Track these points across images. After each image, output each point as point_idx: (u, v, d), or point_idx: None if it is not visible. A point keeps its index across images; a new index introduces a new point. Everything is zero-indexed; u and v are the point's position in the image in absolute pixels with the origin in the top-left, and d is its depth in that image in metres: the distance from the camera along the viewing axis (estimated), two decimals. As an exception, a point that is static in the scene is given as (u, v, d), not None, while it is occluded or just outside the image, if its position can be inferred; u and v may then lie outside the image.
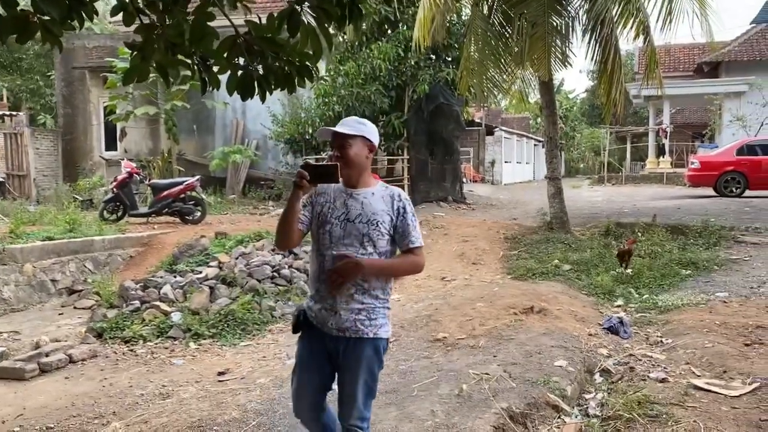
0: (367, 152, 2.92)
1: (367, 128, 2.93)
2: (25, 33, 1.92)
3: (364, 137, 2.89)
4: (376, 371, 2.97)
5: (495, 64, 11.41)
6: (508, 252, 10.00)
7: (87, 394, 5.48)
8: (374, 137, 2.96)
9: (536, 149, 36.98)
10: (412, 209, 2.96)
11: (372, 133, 2.94)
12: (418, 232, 2.93)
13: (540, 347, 5.34)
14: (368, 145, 2.92)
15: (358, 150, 2.87)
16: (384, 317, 2.94)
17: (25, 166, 18.21)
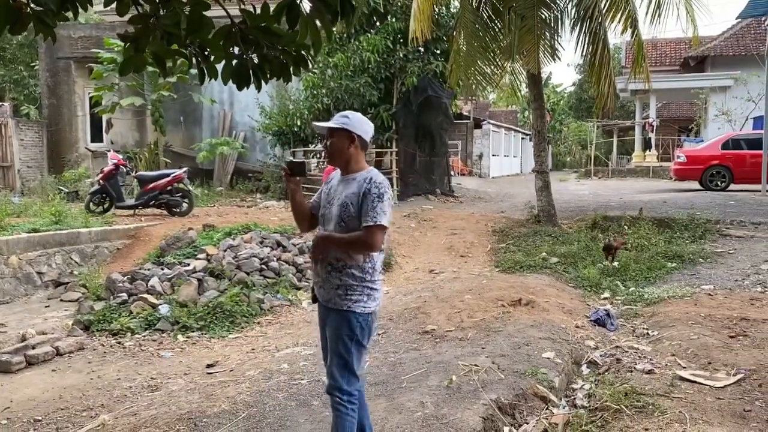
0: (348, 143, 3.17)
1: (351, 121, 3.18)
2: (19, 24, 1.90)
3: (346, 129, 3.15)
4: (348, 344, 3.15)
5: (484, 57, 11.41)
6: (496, 245, 10.05)
7: (75, 386, 5.45)
8: (358, 129, 3.18)
9: (524, 143, 37.10)
10: (380, 193, 3.11)
11: (355, 126, 3.17)
12: (378, 213, 3.06)
13: (528, 339, 5.39)
14: (349, 137, 3.16)
15: (338, 141, 3.18)
16: (361, 294, 3.14)
17: (9, 157, 17.98)
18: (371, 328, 3.24)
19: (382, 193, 3.11)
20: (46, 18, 1.97)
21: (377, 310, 3.27)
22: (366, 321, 3.18)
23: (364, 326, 3.17)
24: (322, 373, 4.97)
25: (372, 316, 3.21)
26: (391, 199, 3.18)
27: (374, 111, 15.12)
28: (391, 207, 3.17)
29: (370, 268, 3.18)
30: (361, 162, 3.25)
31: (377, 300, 3.23)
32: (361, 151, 3.26)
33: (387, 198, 3.12)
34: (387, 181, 3.21)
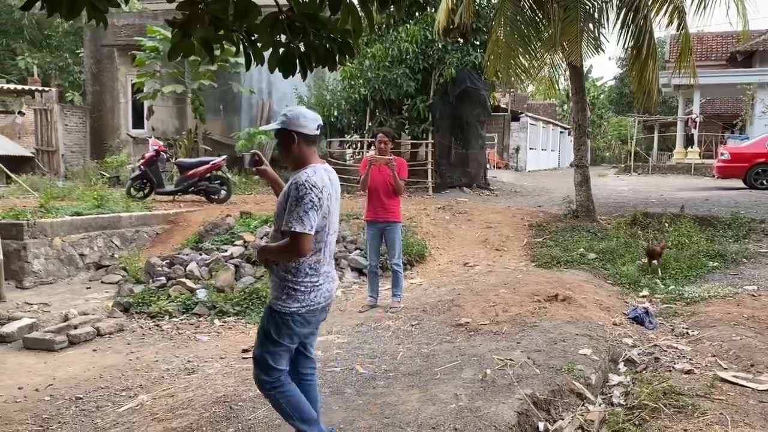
0: (287, 142, 3.12)
1: (288, 119, 3.08)
2: (73, 9, 1.94)
3: (284, 129, 3.10)
4: (261, 336, 3.23)
5: (524, 49, 11.24)
6: (533, 239, 9.94)
7: (114, 366, 5.59)
8: (297, 125, 3.06)
9: (562, 136, 36.58)
10: (299, 196, 3.00)
11: (293, 122, 3.07)
12: (294, 219, 2.98)
13: (564, 335, 5.32)
14: (289, 135, 3.09)
15: (281, 142, 3.15)
16: (286, 294, 3.15)
17: (54, 142, 18.47)
18: (292, 329, 3.18)
19: (301, 197, 3.00)
20: (99, 4, 2.01)
21: (304, 312, 3.19)
22: (282, 319, 3.16)
23: (279, 324, 3.16)
24: (356, 361, 5.01)
25: (294, 317, 3.16)
26: (316, 201, 3.02)
27: (411, 102, 15.07)
28: (315, 209, 3.02)
29: (293, 268, 3.15)
30: (307, 159, 3.16)
31: (301, 302, 3.16)
32: (308, 147, 3.17)
33: (307, 201, 2.99)
34: (315, 181, 3.05)
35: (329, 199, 3.14)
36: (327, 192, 3.10)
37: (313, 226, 3.01)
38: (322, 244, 3.19)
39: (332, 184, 3.23)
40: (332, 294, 3.36)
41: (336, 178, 3.32)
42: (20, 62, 26.76)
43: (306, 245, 3.02)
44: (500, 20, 10.91)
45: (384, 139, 6.64)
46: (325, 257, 3.24)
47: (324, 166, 3.21)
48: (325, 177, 3.14)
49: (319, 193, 3.03)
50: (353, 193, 14.14)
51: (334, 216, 3.25)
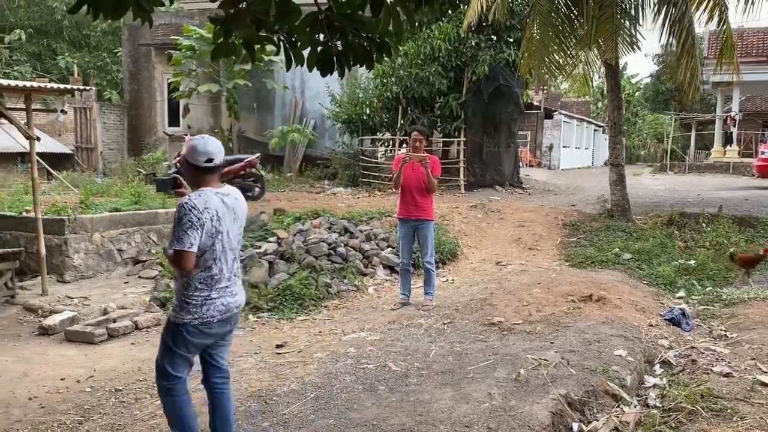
0: (184, 169, 3.44)
1: (186, 148, 3.44)
2: (120, 8, 2.01)
3: (184, 156, 3.42)
4: (164, 346, 3.45)
5: (558, 46, 11.15)
6: (567, 239, 9.85)
7: (152, 359, 5.62)
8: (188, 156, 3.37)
9: (596, 134, 36.06)
10: (178, 217, 3.23)
11: (186, 153, 3.38)
12: (177, 237, 3.21)
13: (599, 336, 5.28)
14: (185, 162, 3.40)
15: (182, 165, 3.45)
16: (180, 306, 3.37)
17: (93, 139, 18.91)
18: (186, 339, 3.36)
19: (180, 217, 3.22)
20: (145, 3, 2.06)
21: (197, 324, 3.35)
22: (177, 329, 3.35)
23: (175, 334, 3.36)
24: (389, 359, 5.04)
25: (187, 327, 3.33)
26: (195, 221, 3.20)
27: (443, 100, 15.02)
28: (194, 229, 3.20)
29: (185, 283, 3.35)
30: (199, 184, 3.40)
31: (193, 314, 3.33)
32: (198, 175, 3.39)
33: (186, 221, 3.19)
34: (195, 203, 3.25)
35: (215, 219, 3.30)
36: (210, 213, 3.27)
37: (193, 243, 3.21)
38: (213, 261, 3.35)
39: (226, 206, 3.40)
40: (231, 308, 3.49)
41: (235, 201, 3.49)
42: (60, 62, 27.43)
43: (186, 262, 3.23)
44: (535, 17, 10.82)
45: (418, 137, 6.65)
46: (222, 274, 3.40)
47: (216, 191, 3.40)
48: (212, 199, 3.32)
49: (198, 213, 3.22)
50: (384, 190, 14.18)
51: (227, 235, 3.40)
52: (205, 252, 3.30)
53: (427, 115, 15.20)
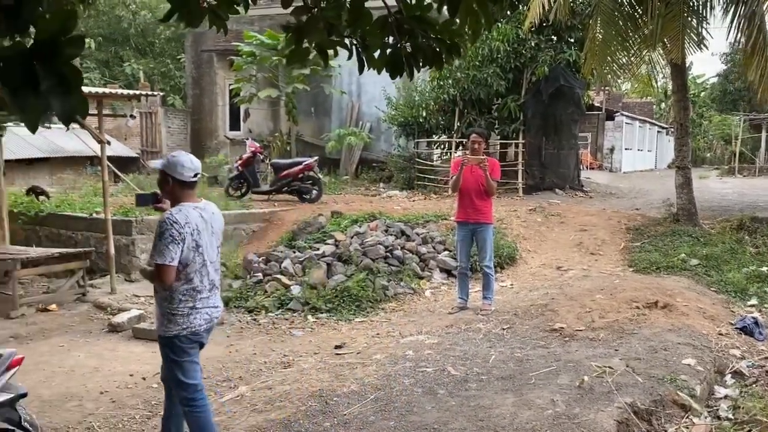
0: (164, 182, 3.52)
1: (168, 163, 3.51)
2: (198, 16, 2.08)
3: (163, 171, 3.50)
4: (168, 362, 3.55)
5: (622, 46, 10.86)
6: (630, 243, 9.57)
7: (216, 358, 5.85)
8: (172, 170, 3.46)
9: (659, 136, 34.98)
10: (160, 231, 3.35)
11: (169, 167, 3.48)
12: (156, 252, 3.34)
13: (665, 343, 5.11)
14: (166, 177, 3.50)
15: (160, 179, 3.55)
16: (167, 320, 3.47)
17: (157, 143, 19.55)
18: (182, 348, 3.49)
19: (162, 232, 3.33)
20: (220, 11, 2.13)
21: (186, 334, 3.48)
22: (171, 342, 3.49)
23: (171, 346, 3.51)
24: (447, 363, 5.01)
25: (179, 338, 3.47)
26: (176, 235, 3.32)
27: (501, 101, 14.86)
28: (175, 243, 3.32)
29: (168, 296, 3.45)
30: (179, 199, 3.51)
31: (181, 324, 3.45)
32: (182, 189, 3.51)
33: (167, 236, 3.31)
34: (177, 218, 3.37)
35: (196, 233, 3.43)
36: (191, 227, 3.40)
37: (174, 258, 3.34)
38: (194, 274, 3.48)
39: (206, 221, 3.53)
40: (212, 318, 3.64)
41: (212, 215, 3.62)
42: (127, 68, 28.50)
43: (168, 275, 3.36)
44: (597, 17, 10.58)
45: (477, 140, 6.60)
46: (203, 285, 3.53)
47: (196, 205, 3.52)
48: (192, 214, 3.45)
49: (180, 228, 3.35)
50: (440, 193, 14.13)
51: (206, 248, 3.52)
52: (187, 265, 3.44)
53: (485, 117, 15.05)
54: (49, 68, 1.46)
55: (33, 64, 1.45)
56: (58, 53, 1.47)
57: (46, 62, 1.46)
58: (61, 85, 1.49)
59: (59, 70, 1.48)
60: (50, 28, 1.46)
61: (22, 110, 1.47)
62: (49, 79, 1.46)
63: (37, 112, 1.49)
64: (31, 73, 1.45)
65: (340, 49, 2.27)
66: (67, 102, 1.51)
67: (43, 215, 9.65)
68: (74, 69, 1.52)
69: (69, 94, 1.50)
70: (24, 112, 1.48)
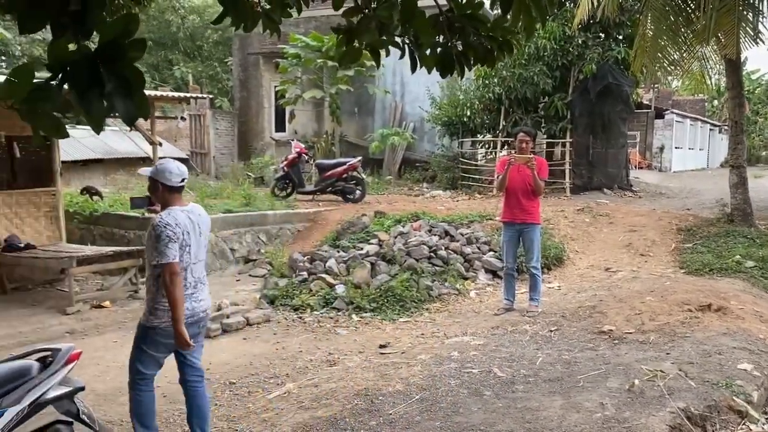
0: (155, 187, 3.79)
1: (156, 170, 3.77)
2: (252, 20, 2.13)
3: (152, 177, 3.77)
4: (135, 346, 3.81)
5: (673, 42, 10.59)
6: (682, 244, 9.32)
7: (263, 355, 5.95)
8: (160, 176, 3.72)
9: (711, 134, 33.93)
10: (156, 234, 3.59)
11: (157, 173, 3.74)
12: (156, 254, 3.58)
13: (720, 348, 4.96)
14: (155, 183, 3.76)
15: (150, 185, 3.83)
16: (150, 311, 3.73)
17: (206, 144, 19.96)
18: (156, 340, 3.73)
19: (158, 234, 3.58)
20: (274, 15, 2.17)
21: (165, 327, 3.68)
22: (147, 332, 3.73)
23: (146, 336, 3.74)
24: (493, 364, 4.98)
25: (157, 330, 3.70)
26: (172, 235, 3.58)
27: (548, 100, 14.66)
28: (173, 242, 3.58)
29: (154, 291, 3.73)
30: (168, 203, 3.76)
31: (161, 318, 3.68)
32: (170, 194, 3.76)
33: (164, 237, 3.57)
34: (168, 221, 3.62)
35: (185, 234, 3.68)
36: (182, 228, 3.66)
37: (176, 255, 3.61)
38: (181, 271, 3.68)
39: (193, 222, 3.76)
40: (197, 312, 3.83)
41: (199, 217, 3.86)
42: (176, 72, 29.19)
43: (175, 272, 3.59)
44: (647, 12, 10.34)
45: (525, 139, 6.53)
46: (188, 282, 3.75)
47: (184, 208, 3.79)
48: (180, 216, 3.70)
49: (174, 228, 3.62)
50: (485, 193, 14.02)
51: (194, 248, 3.77)
52: None
53: (531, 115, 14.87)
54: (113, 71, 1.52)
55: (98, 67, 1.52)
56: (121, 56, 1.53)
57: (110, 65, 1.52)
58: (124, 87, 1.54)
59: (122, 73, 1.54)
60: (114, 32, 1.52)
61: (87, 112, 1.54)
62: (113, 81, 1.52)
63: (101, 114, 1.56)
64: (96, 76, 1.52)
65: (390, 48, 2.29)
66: (130, 103, 1.57)
67: (98, 215, 9.96)
68: (137, 71, 1.58)
69: (131, 96, 1.56)
70: (90, 113, 1.54)
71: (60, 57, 1.52)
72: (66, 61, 1.52)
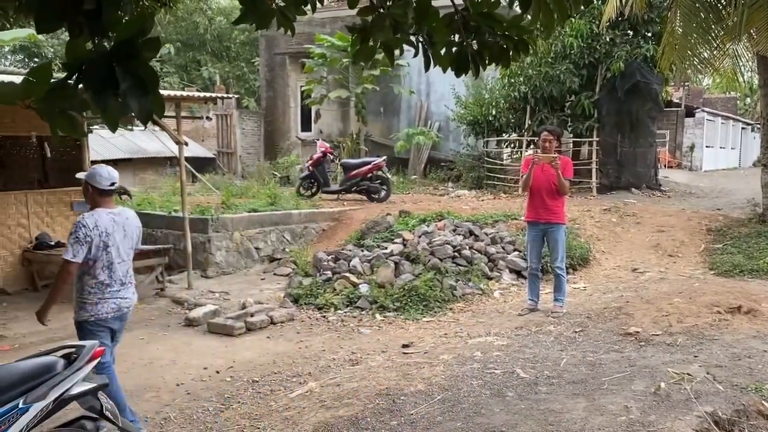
0: (85, 189, 4.13)
1: (89, 174, 4.10)
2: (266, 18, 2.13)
3: (84, 180, 4.12)
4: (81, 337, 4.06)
5: (703, 39, 10.36)
6: (711, 245, 9.14)
7: (286, 353, 5.98)
8: (91, 180, 4.05)
9: (743, 133, 33.18)
10: (73, 231, 3.92)
11: (90, 177, 4.07)
12: (67, 248, 3.91)
13: (749, 351, 4.85)
14: (85, 185, 4.10)
15: (83, 187, 4.17)
16: (79, 306, 4.03)
17: (233, 144, 20.17)
18: (90, 331, 3.99)
19: (72, 232, 3.91)
20: (288, 12, 2.17)
21: (93, 320, 4.01)
22: (81, 325, 4.04)
23: (81, 330, 4.03)
24: (517, 365, 4.93)
25: (87, 323, 4.01)
26: (81, 236, 3.88)
27: (575, 99, 14.48)
28: (80, 243, 3.87)
29: (80, 288, 4.02)
30: (96, 204, 4.08)
31: (90, 312, 3.99)
32: (100, 196, 4.08)
33: (74, 236, 3.88)
34: (87, 222, 3.93)
35: (104, 235, 3.97)
36: (100, 230, 3.95)
37: (77, 255, 3.87)
38: (102, 270, 4.02)
39: (117, 224, 4.09)
40: (122, 308, 4.15)
41: (126, 219, 4.19)
42: (204, 72, 29.52)
43: (69, 269, 3.91)
44: (677, 9, 10.14)
45: (548, 137, 6.46)
46: (112, 280, 4.07)
47: (109, 211, 4.09)
48: (103, 219, 4.00)
49: (87, 230, 3.91)
50: (510, 193, 13.91)
51: (116, 248, 4.07)
52: (95, 261, 3.99)
53: (557, 114, 14.70)
54: (128, 70, 1.54)
55: (113, 66, 1.54)
56: (136, 55, 1.54)
57: (124, 64, 1.54)
58: (138, 86, 1.56)
59: (137, 72, 1.55)
60: (129, 31, 1.53)
61: (103, 111, 1.56)
62: (128, 80, 1.53)
63: (116, 112, 1.57)
64: (112, 75, 1.53)
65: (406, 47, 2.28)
66: (145, 102, 1.58)
67: (126, 214, 10.10)
68: (151, 70, 1.59)
69: (146, 94, 1.57)
70: (105, 112, 1.56)
71: (76, 56, 1.53)
72: (82, 60, 1.53)
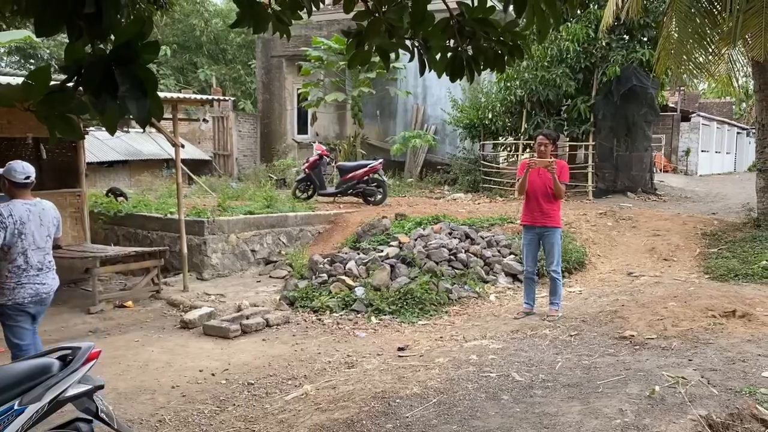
0: (3, 184, 4.59)
1: (6, 169, 4.53)
2: (262, 22, 2.14)
3: (1, 175, 4.58)
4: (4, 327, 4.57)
5: (698, 44, 10.40)
6: (706, 249, 9.17)
7: (281, 356, 5.98)
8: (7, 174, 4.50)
9: (739, 137, 33.31)
10: None
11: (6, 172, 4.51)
12: None
13: (744, 354, 4.87)
14: (2, 178, 4.59)
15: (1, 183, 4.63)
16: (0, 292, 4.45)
17: (229, 146, 20.16)
18: (9, 315, 4.45)
19: None
20: (284, 16, 2.18)
21: (12, 304, 4.43)
22: (1, 310, 4.47)
23: (1, 315, 4.49)
24: (512, 368, 4.94)
25: (6, 306, 4.42)
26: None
27: (571, 103, 14.52)
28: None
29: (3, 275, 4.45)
30: (14, 196, 4.54)
31: (8, 296, 4.42)
32: (16, 189, 4.54)
33: None
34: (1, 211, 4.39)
35: (19, 224, 4.42)
36: (14, 219, 4.40)
37: None
38: (17, 255, 4.46)
39: (32, 214, 4.53)
40: (40, 293, 4.55)
41: (42, 210, 4.63)
42: (200, 74, 29.51)
43: None
44: (672, 14, 10.19)
45: (544, 141, 6.48)
46: (29, 265, 4.49)
47: (25, 202, 4.53)
48: (18, 209, 4.45)
49: (2, 218, 4.36)
50: (506, 196, 13.94)
51: (30, 236, 4.50)
52: (11, 247, 4.42)
53: (553, 118, 14.75)
54: (127, 73, 1.54)
55: (112, 69, 1.54)
56: (135, 58, 1.55)
57: (123, 67, 1.55)
58: (137, 89, 1.57)
59: (136, 75, 1.56)
60: (128, 34, 1.54)
61: (101, 113, 1.56)
62: (127, 83, 1.54)
63: (115, 115, 1.58)
64: (110, 78, 1.54)
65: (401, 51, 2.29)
66: (144, 105, 1.59)
67: (122, 215, 10.11)
68: (150, 73, 1.60)
69: (145, 97, 1.58)
70: (104, 114, 1.57)
71: (75, 59, 1.54)
72: (81, 63, 1.54)
